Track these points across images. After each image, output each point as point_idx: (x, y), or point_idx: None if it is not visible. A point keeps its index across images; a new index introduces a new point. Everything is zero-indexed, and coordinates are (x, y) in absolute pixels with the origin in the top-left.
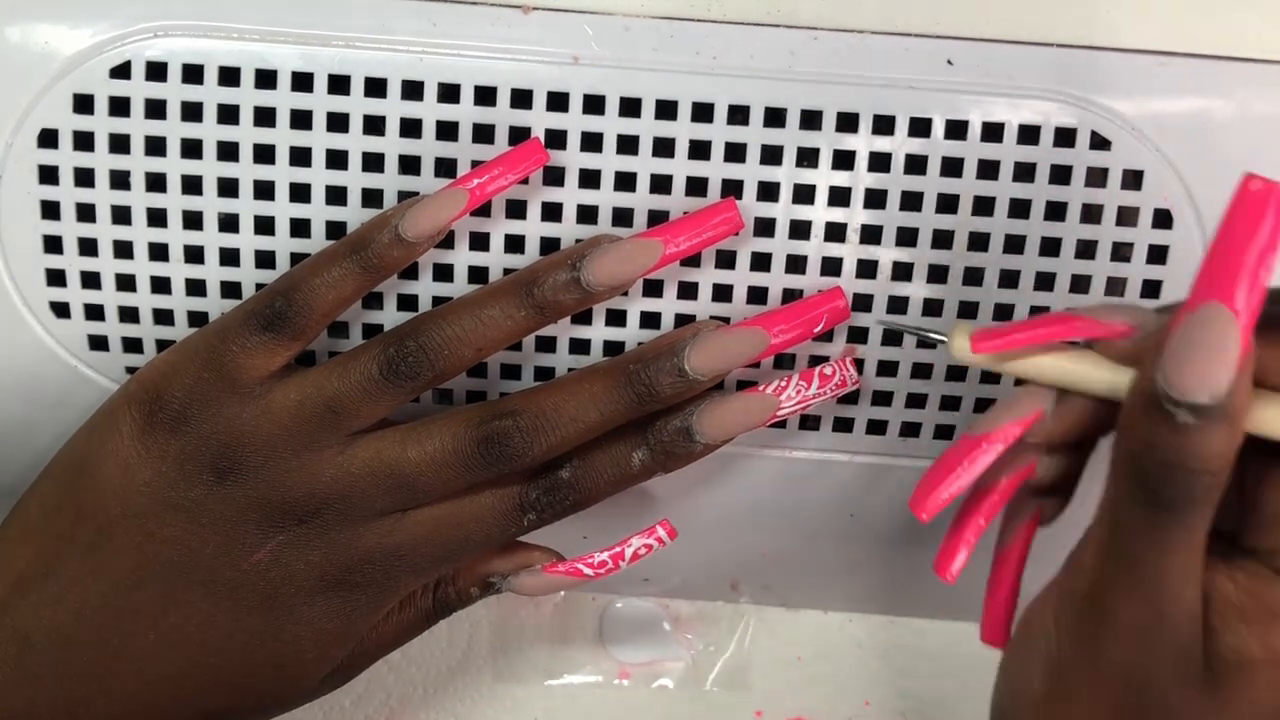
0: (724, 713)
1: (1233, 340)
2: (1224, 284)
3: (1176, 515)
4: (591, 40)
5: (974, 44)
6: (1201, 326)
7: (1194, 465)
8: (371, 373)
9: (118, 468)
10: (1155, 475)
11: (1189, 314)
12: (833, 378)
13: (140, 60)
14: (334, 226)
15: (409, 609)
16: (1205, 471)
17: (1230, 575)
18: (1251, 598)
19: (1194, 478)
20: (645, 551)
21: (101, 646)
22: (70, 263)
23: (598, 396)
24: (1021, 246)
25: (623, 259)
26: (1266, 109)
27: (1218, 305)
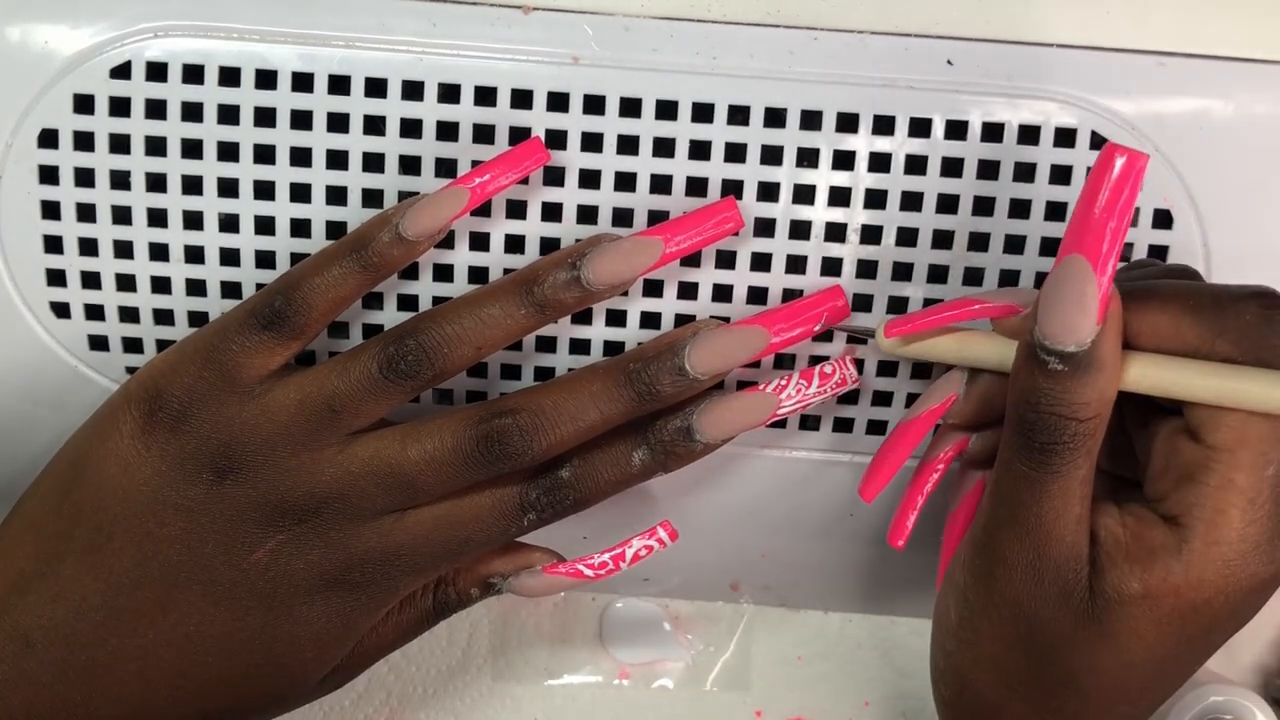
0: (724, 713)
1: (1091, 289)
2: (1086, 241)
3: (1050, 459)
4: (591, 40)
5: (974, 44)
6: (1064, 277)
7: (1065, 411)
8: (371, 372)
9: (117, 467)
10: (1030, 421)
11: (1054, 267)
12: (833, 376)
13: (140, 60)
14: (334, 226)
15: (409, 609)
16: (1074, 418)
17: (1120, 518)
18: (1135, 538)
19: (1065, 423)
20: (646, 553)
21: (100, 646)
22: (70, 263)
23: (598, 396)
24: (1021, 247)
25: (623, 258)
26: (1266, 109)
27: (1077, 257)
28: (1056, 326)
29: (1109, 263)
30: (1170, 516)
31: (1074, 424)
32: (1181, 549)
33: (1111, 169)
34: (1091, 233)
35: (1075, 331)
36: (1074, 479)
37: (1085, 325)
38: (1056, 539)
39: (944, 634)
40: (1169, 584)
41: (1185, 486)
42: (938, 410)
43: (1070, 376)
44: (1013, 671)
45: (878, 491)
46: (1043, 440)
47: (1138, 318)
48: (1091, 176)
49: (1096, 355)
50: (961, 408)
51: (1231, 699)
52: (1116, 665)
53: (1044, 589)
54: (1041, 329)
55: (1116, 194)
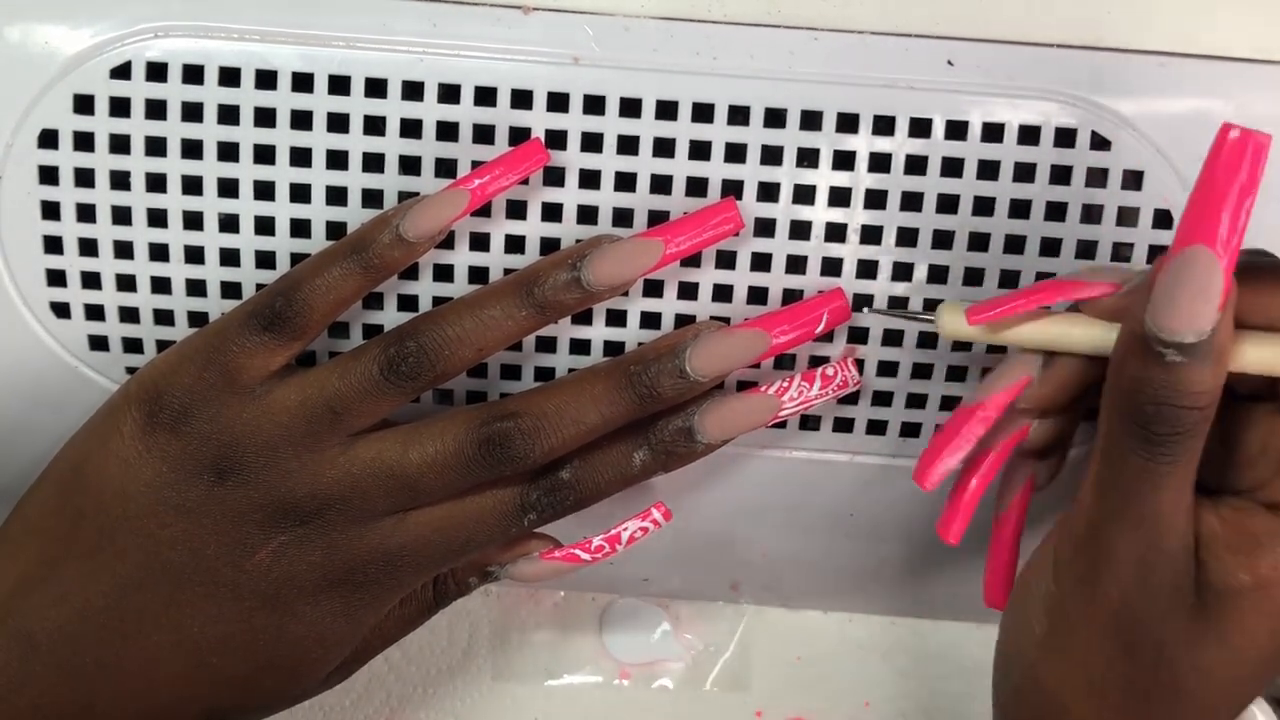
0: (724, 713)
1: (1216, 280)
2: (1206, 228)
3: (1168, 449)
4: (591, 40)
5: (974, 44)
6: (1186, 268)
7: (1183, 401)
8: (372, 373)
9: (118, 468)
10: (1147, 412)
11: (1174, 257)
12: (834, 378)
13: (140, 61)
14: (334, 227)
15: (410, 602)
16: (1194, 407)
17: (1216, 511)
18: (1236, 529)
19: (1183, 413)
20: (641, 535)
21: (105, 647)
22: (70, 263)
23: (599, 398)
24: (1021, 247)
25: (623, 259)
26: (1266, 109)
27: (1201, 247)
28: (1177, 319)
29: (1232, 251)
30: (1273, 504)
31: (1194, 413)
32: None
33: (1230, 150)
34: (1211, 219)
35: (1197, 322)
36: (1190, 466)
37: (1208, 316)
38: (1172, 530)
39: (1024, 648)
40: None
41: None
42: (1010, 393)
43: (1188, 367)
44: (1109, 679)
45: (939, 480)
46: (1163, 431)
47: (1250, 295)
48: (1208, 159)
49: (1216, 343)
50: (1038, 392)
51: None
52: (1225, 663)
53: (1153, 586)
54: (1158, 321)
55: (1233, 175)
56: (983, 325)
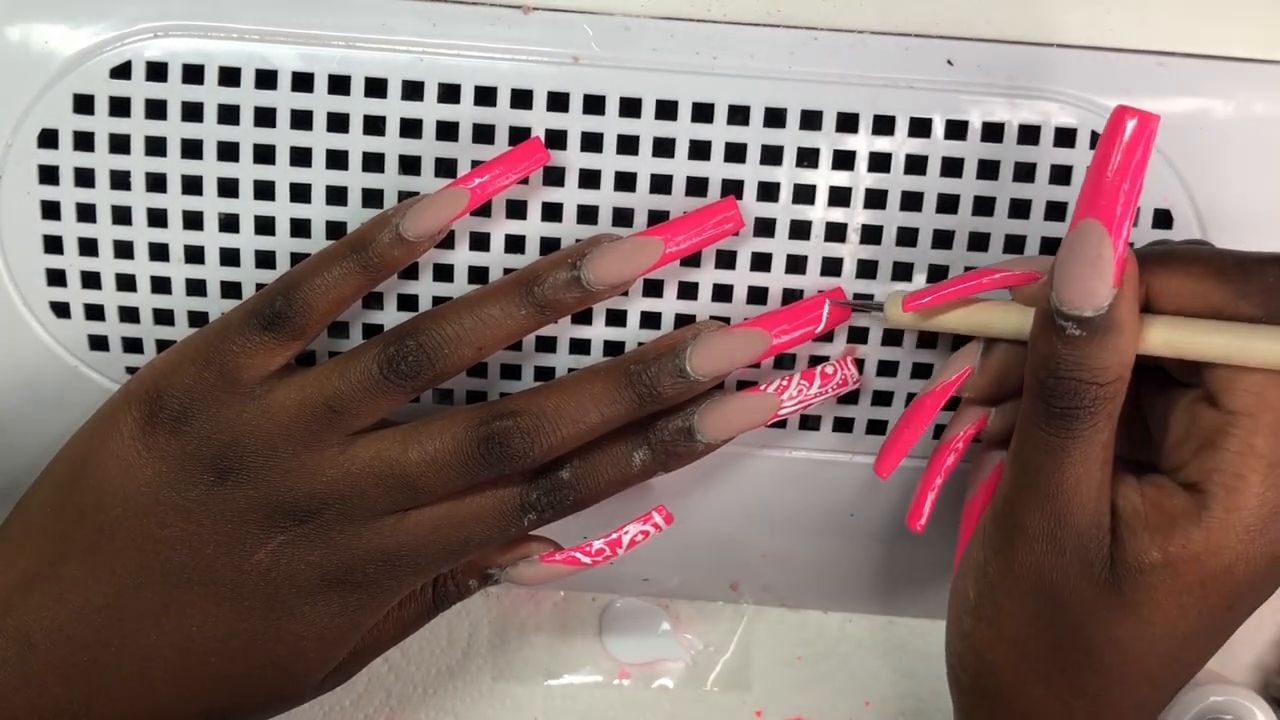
0: (724, 713)
1: (1106, 251)
2: (1099, 204)
3: (1069, 424)
4: (591, 40)
5: (974, 44)
6: (1078, 241)
7: (1084, 375)
8: (372, 372)
9: (118, 468)
10: (1049, 387)
11: (1069, 233)
12: (834, 377)
13: (140, 60)
14: (334, 226)
15: (409, 604)
16: (1094, 382)
17: (1139, 489)
18: (1154, 507)
19: (1084, 388)
20: (642, 538)
21: (103, 647)
22: (70, 263)
23: (599, 397)
24: (1021, 246)
25: (623, 258)
26: (1266, 109)
27: (1091, 221)
28: (1073, 291)
29: (1123, 226)
30: (1190, 484)
31: (1094, 388)
32: (1201, 515)
33: (1123, 131)
34: (1104, 196)
35: (1092, 296)
36: (1095, 444)
37: (1102, 289)
38: (1078, 506)
39: (962, 615)
40: (1189, 551)
41: (1205, 453)
42: (952, 384)
43: (1089, 341)
44: (1033, 649)
45: (893, 467)
46: (1063, 405)
47: (1160, 280)
48: (1103, 140)
49: (1114, 318)
50: (977, 380)
51: (1231, 699)
52: (1137, 638)
53: (1065, 558)
54: (1058, 295)
55: (1129, 156)
56: (916, 312)
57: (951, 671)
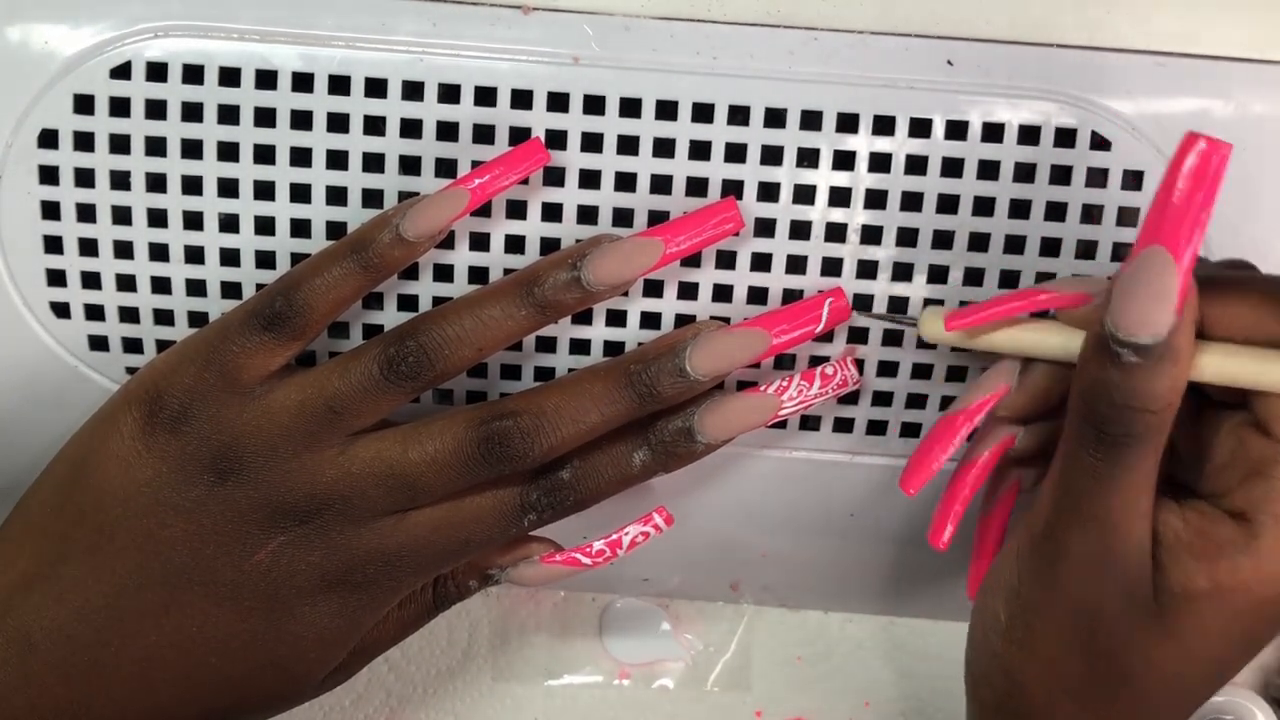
0: (724, 713)
1: (1171, 280)
2: (1165, 232)
3: (1120, 451)
4: (591, 40)
5: (974, 44)
6: (1143, 269)
7: (1137, 403)
8: (372, 372)
9: (118, 468)
10: (1101, 413)
11: (1132, 259)
12: (834, 377)
13: (140, 60)
14: (334, 227)
15: (409, 605)
16: (1147, 410)
17: (1181, 514)
18: (1199, 534)
19: (1137, 415)
20: (642, 539)
21: (103, 647)
22: (70, 263)
23: (598, 397)
24: (1021, 247)
25: (623, 258)
26: (1266, 109)
27: (1158, 248)
28: (1133, 319)
29: (1189, 253)
30: (1237, 512)
31: (1147, 416)
32: (1250, 544)
33: (1190, 157)
34: (1170, 223)
35: (1153, 324)
36: (1143, 471)
37: (1164, 317)
38: (1124, 532)
39: (990, 636)
40: (1238, 579)
41: (1254, 481)
42: (989, 401)
43: (1144, 369)
44: (1067, 672)
45: (921, 485)
46: (1115, 433)
47: (1216, 306)
48: (1171, 165)
49: (1172, 347)
50: (1015, 400)
51: (1231, 699)
52: (1177, 663)
53: (1107, 585)
54: (1116, 321)
55: (1197, 183)
56: (960, 331)
57: (974, 690)
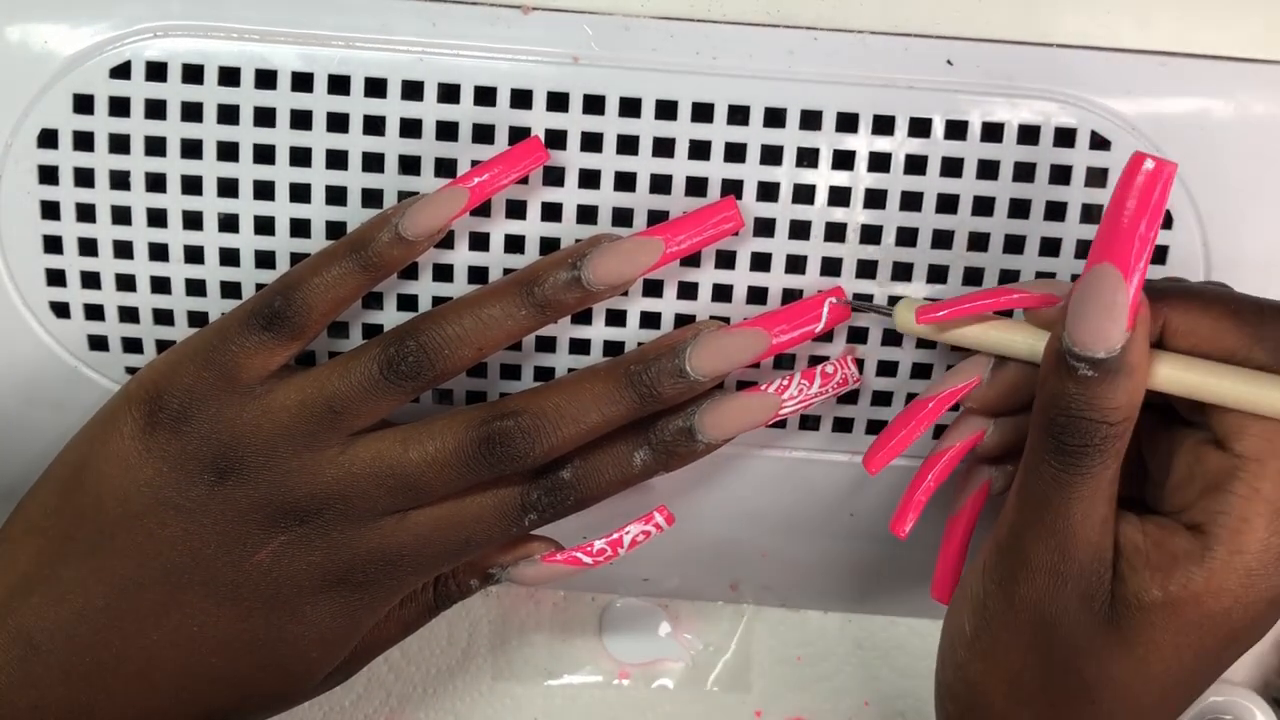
0: (724, 713)
1: (1122, 296)
2: (1115, 249)
3: (1079, 462)
4: (591, 40)
5: (974, 44)
6: (1095, 285)
7: (1094, 415)
8: (372, 372)
9: (119, 468)
10: (1060, 425)
11: (1084, 274)
12: (834, 376)
13: (140, 60)
14: (334, 226)
15: (410, 604)
16: (1104, 422)
17: (1141, 527)
18: (1157, 546)
19: (1094, 427)
20: (643, 538)
21: (104, 647)
22: (70, 263)
23: (599, 397)
24: (1021, 246)
25: (623, 257)
26: (1266, 109)
27: (1107, 265)
28: (1087, 334)
29: (1138, 270)
30: (1194, 525)
31: (1104, 427)
32: (1204, 556)
33: (1138, 177)
34: (1120, 240)
35: (1106, 339)
36: (1103, 480)
37: (1115, 332)
38: (1083, 541)
39: (956, 647)
40: (1189, 591)
41: (1210, 495)
42: (959, 391)
43: (1100, 382)
44: (1027, 682)
45: (884, 464)
46: (1073, 443)
47: (1177, 316)
48: (1119, 184)
49: (1126, 360)
50: (985, 392)
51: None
52: (1133, 675)
53: (1066, 593)
54: (1071, 336)
55: (1144, 202)
56: (929, 325)
57: (940, 703)
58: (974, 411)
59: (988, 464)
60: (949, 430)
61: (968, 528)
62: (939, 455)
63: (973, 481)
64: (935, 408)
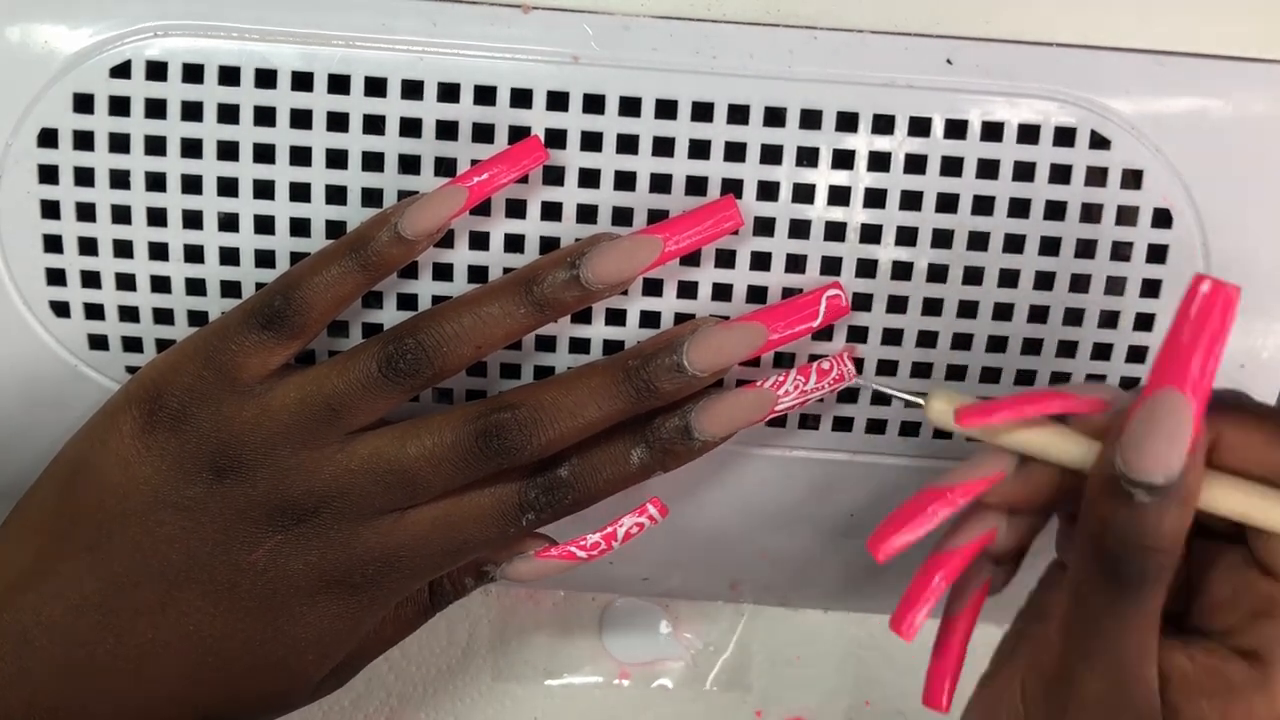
0: (724, 713)
1: (1186, 424)
2: (1178, 371)
3: (1133, 590)
4: (591, 40)
5: (974, 44)
6: (1158, 411)
7: (1150, 543)
8: (371, 371)
9: (118, 467)
10: (1114, 552)
11: (1145, 399)
12: (830, 372)
13: (140, 60)
14: (334, 226)
15: (406, 605)
16: (1159, 549)
17: (1188, 653)
18: (1209, 674)
19: (1150, 555)
20: (637, 530)
21: (99, 645)
22: (70, 262)
23: (597, 392)
24: (1021, 246)
25: (622, 256)
26: (1266, 109)
27: (1173, 390)
28: (1147, 461)
29: (1201, 394)
30: (1247, 651)
31: (1159, 555)
32: (1265, 684)
33: (1202, 300)
34: (1181, 362)
35: (1166, 465)
36: (1154, 608)
37: (1177, 458)
38: (1139, 674)
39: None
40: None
41: (1262, 622)
42: (981, 484)
43: (1156, 508)
44: None
45: (893, 554)
46: (1127, 571)
47: (1232, 432)
48: (1180, 306)
49: (1185, 486)
50: (1009, 488)
51: None
52: None
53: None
54: (1129, 462)
55: (1203, 323)
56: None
57: None
58: (990, 507)
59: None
60: (959, 527)
61: (968, 629)
62: (949, 554)
63: (974, 580)
64: (956, 499)
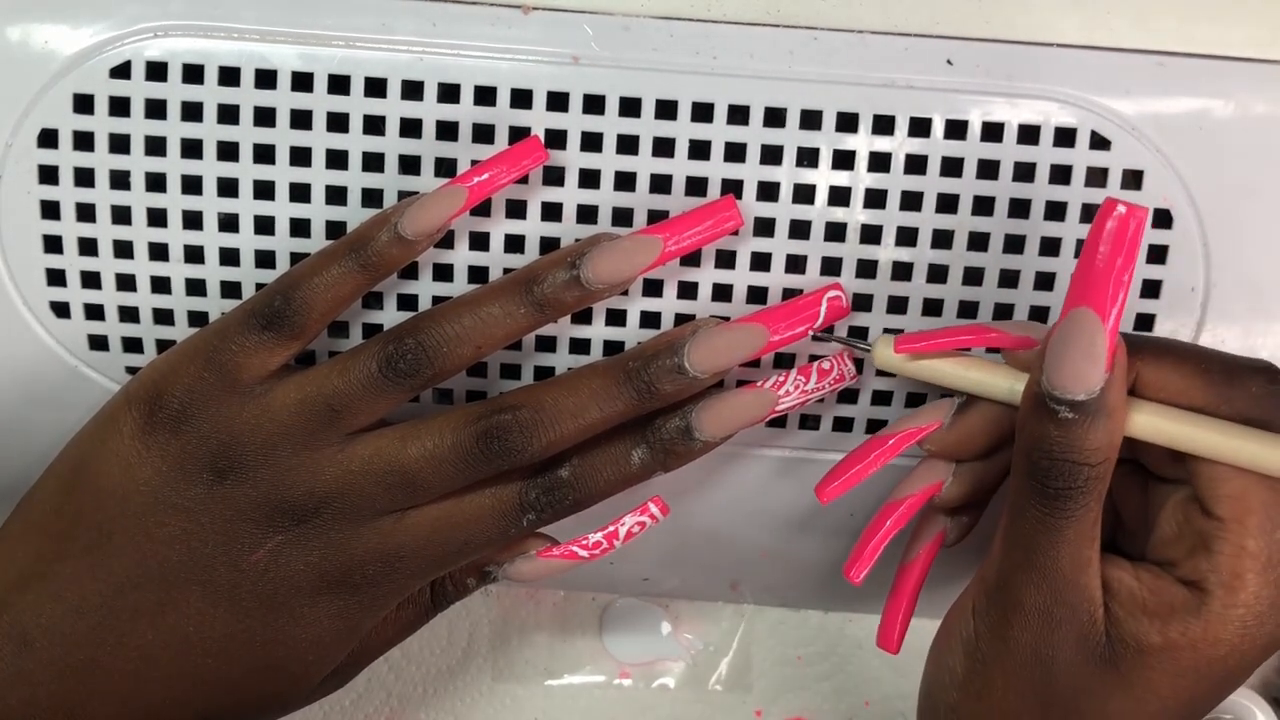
0: (724, 713)
1: (1100, 340)
2: (1092, 293)
3: (1063, 504)
4: (591, 40)
5: (974, 44)
6: (1073, 329)
7: (1076, 457)
8: (371, 371)
9: (118, 467)
10: (1043, 468)
11: (1062, 320)
12: (830, 372)
13: (140, 60)
14: (334, 226)
15: (407, 606)
16: (1085, 464)
17: (1135, 574)
18: (1153, 594)
19: (1076, 469)
20: (639, 529)
21: (99, 645)
22: (70, 263)
23: (597, 393)
24: (1021, 246)
25: (623, 256)
26: (1266, 109)
27: (1085, 309)
28: (1066, 377)
29: (1115, 313)
30: (1189, 582)
31: (1086, 469)
32: (1201, 609)
33: (1112, 222)
34: (1096, 285)
35: (1085, 381)
36: (1087, 522)
37: (1094, 375)
38: (1072, 583)
39: (947, 689)
40: (1187, 639)
41: (1200, 555)
42: (917, 433)
43: (1080, 424)
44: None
45: (835, 495)
46: (1057, 486)
47: (1150, 369)
48: (1092, 230)
49: (1105, 402)
50: (944, 436)
51: (1232, 699)
52: (1129, 713)
53: (1061, 634)
54: (1050, 379)
55: (1117, 246)
56: (902, 355)
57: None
58: (934, 456)
59: (944, 514)
60: (907, 478)
61: (919, 578)
62: (897, 503)
63: (927, 531)
64: (895, 445)
